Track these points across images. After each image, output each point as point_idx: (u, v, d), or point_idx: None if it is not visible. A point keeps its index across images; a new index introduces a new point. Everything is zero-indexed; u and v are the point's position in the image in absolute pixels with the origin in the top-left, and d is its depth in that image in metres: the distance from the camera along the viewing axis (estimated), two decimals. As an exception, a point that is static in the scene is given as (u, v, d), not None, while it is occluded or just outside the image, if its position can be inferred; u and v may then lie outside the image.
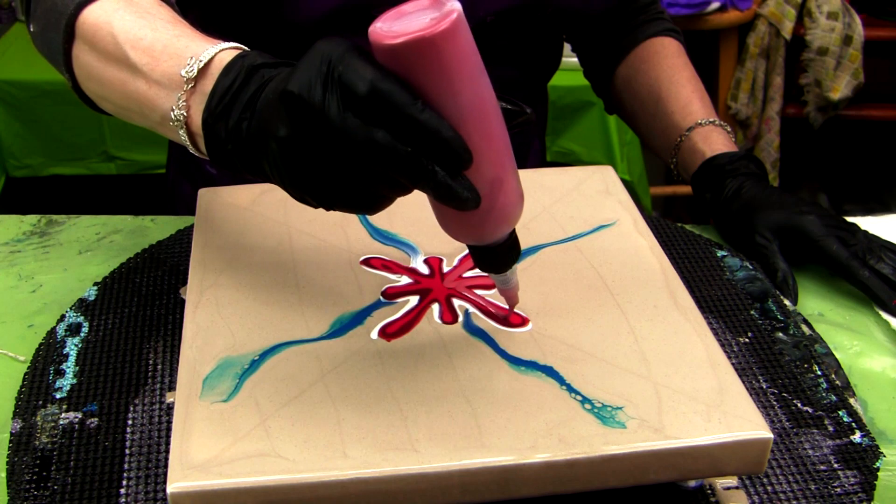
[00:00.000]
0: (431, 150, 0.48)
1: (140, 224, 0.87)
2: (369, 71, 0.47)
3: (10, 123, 2.04)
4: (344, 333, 0.61)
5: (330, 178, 0.50)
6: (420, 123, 0.47)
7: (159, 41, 0.60)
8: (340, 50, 0.48)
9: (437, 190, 0.49)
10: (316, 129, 0.48)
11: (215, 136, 0.55)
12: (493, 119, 0.51)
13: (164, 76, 0.59)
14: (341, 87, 0.48)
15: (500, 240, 0.55)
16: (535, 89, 1.00)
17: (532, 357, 0.59)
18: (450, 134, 0.48)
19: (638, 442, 0.53)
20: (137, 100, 0.61)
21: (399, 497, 0.51)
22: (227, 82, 0.54)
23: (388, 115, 0.47)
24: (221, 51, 0.57)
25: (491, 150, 0.51)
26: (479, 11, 0.85)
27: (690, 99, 0.94)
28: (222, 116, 0.54)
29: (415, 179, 0.49)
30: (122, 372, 0.68)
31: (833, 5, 2.14)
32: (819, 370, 0.70)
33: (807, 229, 0.81)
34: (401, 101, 0.47)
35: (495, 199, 0.52)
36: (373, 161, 0.48)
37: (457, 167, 0.49)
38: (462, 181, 0.49)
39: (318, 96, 0.48)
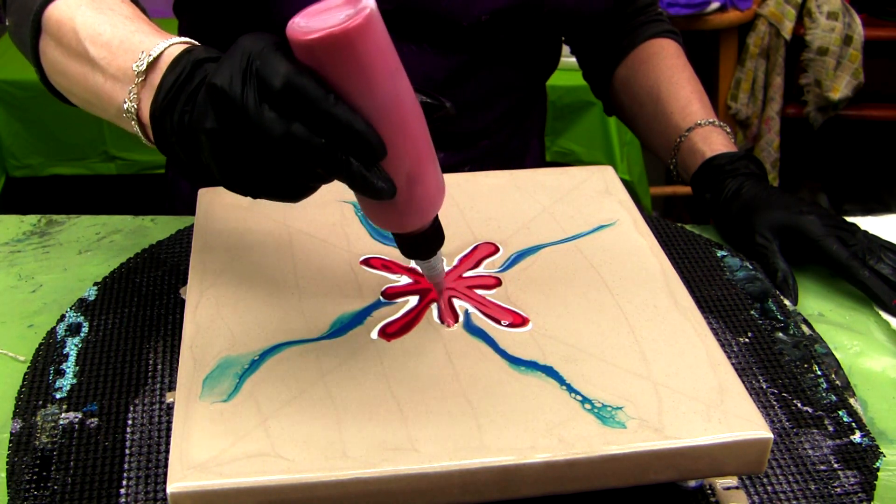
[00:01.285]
0: (345, 142, 0.50)
1: (140, 224, 0.87)
2: (284, 65, 0.49)
3: (10, 123, 2.04)
4: (344, 333, 0.61)
5: (253, 168, 0.52)
6: (333, 116, 0.49)
7: (116, 37, 0.62)
8: (260, 45, 0.51)
9: (353, 180, 0.51)
10: (237, 121, 0.51)
11: (161, 129, 0.57)
12: (409, 112, 0.53)
13: (119, 70, 0.61)
14: (258, 80, 0.50)
15: (421, 228, 0.57)
16: (534, 89, 1.00)
17: (532, 357, 0.59)
18: (362, 127, 0.50)
19: (638, 442, 0.53)
20: (96, 93, 0.64)
21: (399, 497, 0.51)
22: (173, 77, 0.57)
23: (302, 108, 0.50)
24: (171, 45, 0.60)
25: (407, 143, 0.53)
26: (474, 10, 0.85)
27: (690, 99, 0.94)
28: (168, 109, 0.56)
29: (331, 170, 0.51)
30: (122, 372, 0.68)
31: (833, 5, 2.14)
32: (819, 370, 0.70)
33: (807, 229, 0.81)
34: (314, 95, 0.49)
35: (413, 189, 0.54)
36: (290, 152, 0.50)
37: (371, 158, 0.51)
38: (377, 172, 0.51)
39: (238, 89, 0.50)
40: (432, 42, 0.87)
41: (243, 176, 0.53)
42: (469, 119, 0.93)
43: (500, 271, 0.67)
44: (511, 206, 0.74)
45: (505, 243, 0.70)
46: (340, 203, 0.74)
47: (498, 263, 0.68)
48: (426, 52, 0.87)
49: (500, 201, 0.75)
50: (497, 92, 0.93)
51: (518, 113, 0.98)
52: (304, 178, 0.53)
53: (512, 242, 0.70)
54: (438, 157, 0.96)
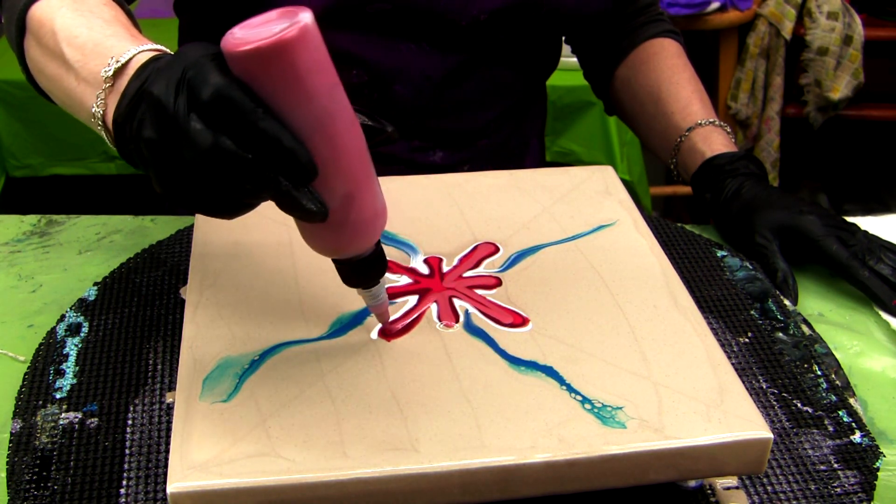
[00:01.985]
0: (274, 159, 0.48)
1: (140, 224, 0.87)
2: (215, 76, 0.48)
3: (10, 123, 2.04)
4: (344, 333, 0.61)
5: (186, 181, 0.51)
6: (260, 130, 0.48)
7: (91, 40, 0.62)
8: (196, 55, 0.50)
9: (280, 199, 0.49)
10: (169, 130, 0.50)
11: (122, 136, 0.56)
12: (346, 132, 0.50)
13: (90, 74, 0.61)
14: (189, 90, 0.49)
15: (359, 255, 0.55)
16: (533, 89, 1.00)
17: (532, 357, 0.59)
18: (291, 143, 0.48)
19: (638, 442, 0.53)
20: (70, 95, 0.64)
21: (399, 497, 0.51)
22: (137, 84, 0.55)
23: (231, 121, 0.48)
24: (140, 52, 0.59)
25: (343, 163, 0.51)
26: (472, 10, 0.85)
27: (690, 99, 0.94)
28: (128, 117, 0.55)
29: (258, 187, 0.49)
30: (122, 372, 0.68)
31: (833, 5, 2.14)
32: (819, 370, 0.70)
33: (807, 229, 0.81)
34: (243, 108, 0.48)
35: (347, 213, 0.52)
36: (217, 165, 0.48)
37: (301, 177, 0.49)
38: (307, 193, 0.50)
39: (171, 98, 0.49)
40: (431, 41, 0.87)
41: (178, 188, 0.51)
42: (468, 118, 0.93)
43: (500, 271, 0.67)
44: (511, 206, 0.74)
45: (505, 243, 0.70)
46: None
47: (498, 263, 0.68)
48: (425, 52, 0.87)
49: (500, 201, 0.75)
50: (496, 91, 0.93)
51: (517, 112, 0.98)
52: (234, 192, 0.51)
53: (512, 242, 0.70)
54: (438, 156, 0.96)
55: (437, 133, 0.92)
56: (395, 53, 0.86)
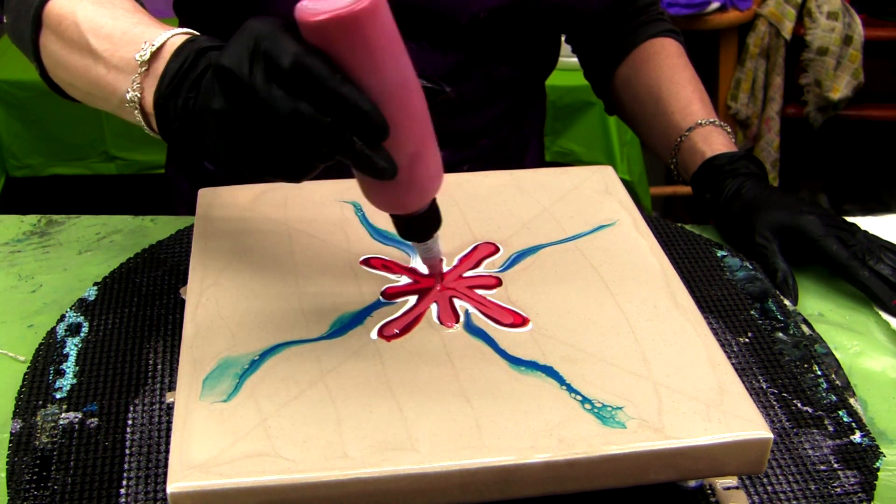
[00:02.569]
0: (351, 122, 0.51)
1: (140, 224, 0.87)
2: (293, 45, 0.51)
3: (10, 123, 2.04)
4: (344, 333, 0.61)
5: (259, 147, 0.53)
6: (340, 96, 0.50)
7: (118, 28, 0.64)
8: (268, 27, 0.52)
9: (356, 159, 0.52)
10: (245, 100, 0.52)
11: (165, 115, 0.59)
12: (412, 95, 0.54)
13: (121, 61, 0.62)
14: (266, 60, 0.51)
15: (420, 210, 0.59)
16: (533, 87, 1.00)
17: (532, 357, 0.59)
18: (368, 107, 0.51)
19: (638, 442, 0.53)
20: (99, 84, 0.65)
21: (399, 497, 0.51)
22: (177, 65, 0.58)
23: (310, 87, 0.51)
24: (173, 36, 0.61)
25: (410, 125, 0.54)
26: (472, 7, 0.85)
27: (690, 99, 0.94)
28: (171, 97, 0.58)
29: (335, 148, 0.52)
30: (122, 372, 0.68)
31: (833, 5, 2.14)
32: (819, 370, 0.70)
33: (807, 229, 0.81)
34: (322, 75, 0.50)
35: (414, 171, 0.55)
36: (296, 130, 0.51)
37: (375, 138, 0.52)
38: (380, 152, 0.53)
39: (246, 69, 0.51)
40: (431, 40, 0.87)
41: (249, 155, 0.54)
42: (468, 117, 0.93)
43: (500, 271, 0.67)
44: (511, 206, 0.74)
45: (505, 243, 0.70)
46: (340, 203, 0.74)
47: (498, 263, 0.68)
48: (425, 50, 0.87)
49: (500, 201, 0.75)
50: (496, 90, 0.93)
51: (517, 111, 0.98)
52: (309, 156, 0.53)
53: (512, 242, 0.70)
54: None
55: (438, 132, 0.92)
56: None
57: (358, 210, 0.73)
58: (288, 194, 0.74)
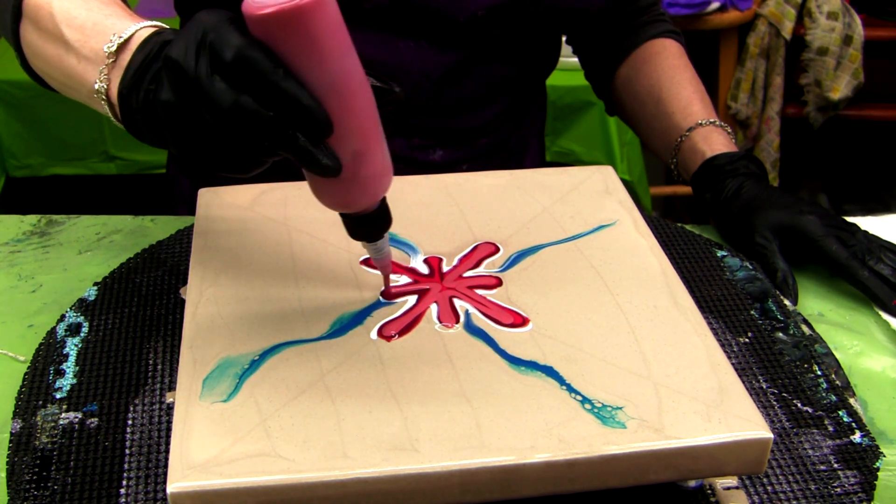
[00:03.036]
0: (293, 117, 0.51)
1: (140, 224, 0.87)
2: (237, 38, 0.51)
3: (10, 123, 2.03)
4: (344, 333, 0.61)
5: (205, 140, 0.53)
6: (281, 90, 0.51)
7: (90, 20, 0.64)
8: (215, 19, 0.52)
9: (298, 155, 0.52)
10: (190, 92, 0.52)
11: (128, 107, 0.59)
12: (358, 92, 0.53)
13: (91, 52, 0.63)
14: (211, 52, 0.51)
15: (367, 209, 0.58)
16: (532, 87, 1.00)
17: (532, 357, 0.59)
18: (309, 102, 0.51)
19: (638, 442, 0.53)
20: (70, 74, 0.65)
21: (399, 497, 0.51)
22: (141, 57, 0.59)
23: (252, 81, 0.51)
24: (141, 28, 0.62)
25: (355, 122, 0.54)
26: (470, 6, 0.85)
27: (691, 99, 0.94)
28: (134, 88, 0.58)
29: (277, 143, 0.52)
30: (122, 372, 0.68)
31: (833, 5, 2.14)
32: (819, 370, 0.70)
33: (807, 229, 0.81)
34: (264, 68, 0.50)
35: (359, 169, 0.55)
36: (238, 123, 0.51)
37: (317, 135, 0.52)
38: (323, 149, 0.53)
39: (192, 61, 0.52)
40: (429, 38, 0.87)
41: (196, 148, 0.54)
42: (467, 116, 0.93)
43: (500, 271, 0.67)
44: (511, 206, 0.74)
45: (505, 243, 0.70)
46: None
47: (498, 263, 0.68)
48: (423, 49, 0.87)
49: (500, 201, 0.75)
50: (495, 89, 0.93)
51: (517, 111, 0.98)
52: (252, 150, 0.54)
53: (512, 242, 0.70)
54: (437, 154, 0.96)
55: (437, 131, 0.92)
56: (393, 51, 0.86)
57: (358, 210, 0.73)
58: (288, 194, 0.74)
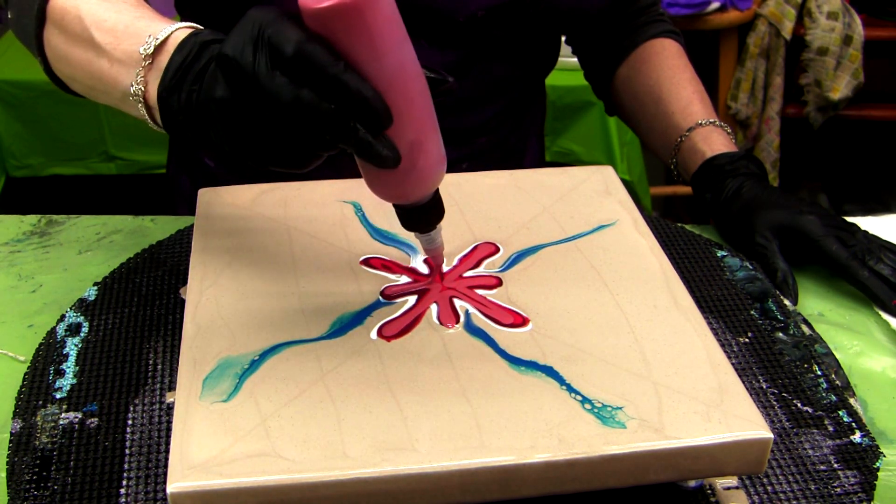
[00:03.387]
0: (353, 109, 0.51)
1: (140, 224, 0.87)
2: (296, 33, 0.51)
3: (10, 123, 2.03)
4: (344, 333, 0.61)
5: (262, 135, 0.53)
6: (342, 83, 0.51)
7: (121, 22, 0.64)
8: (270, 16, 0.52)
9: (359, 147, 0.52)
10: (248, 88, 0.52)
11: (169, 109, 0.59)
12: (415, 84, 0.54)
13: (124, 54, 0.63)
14: (270, 48, 0.51)
15: (422, 199, 0.59)
16: (532, 86, 1.00)
17: (532, 357, 0.59)
18: (370, 94, 0.51)
19: (638, 442, 0.53)
20: (101, 78, 0.65)
21: (399, 497, 0.51)
22: (180, 58, 0.58)
23: (313, 74, 0.51)
24: (177, 30, 0.62)
25: (412, 113, 0.54)
26: (470, 6, 0.86)
27: (691, 100, 0.94)
28: (175, 89, 0.58)
29: (337, 136, 0.52)
30: (122, 372, 0.68)
31: (833, 5, 2.14)
32: (819, 370, 0.70)
33: (807, 229, 0.81)
34: (324, 62, 0.51)
35: (416, 159, 0.56)
36: (299, 117, 0.52)
37: (377, 126, 0.52)
38: (383, 140, 0.53)
39: (249, 57, 0.52)
40: (429, 38, 0.87)
41: (252, 144, 0.54)
42: (466, 115, 0.93)
43: (500, 271, 0.67)
44: (511, 206, 0.74)
45: (505, 243, 0.70)
46: (340, 203, 0.74)
47: (498, 263, 0.68)
48: (423, 48, 0.87)
49: (500, 201, 0.75)
50: (494, 88, 0.93)
51: (516, 110, 0.98)
52: (312, 144, 0.54)
53: (512, 242, 0.70)
54: None
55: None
56: None
57: (358, 210, 0.73)
58: (288, 194, 0.74)
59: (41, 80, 0.76)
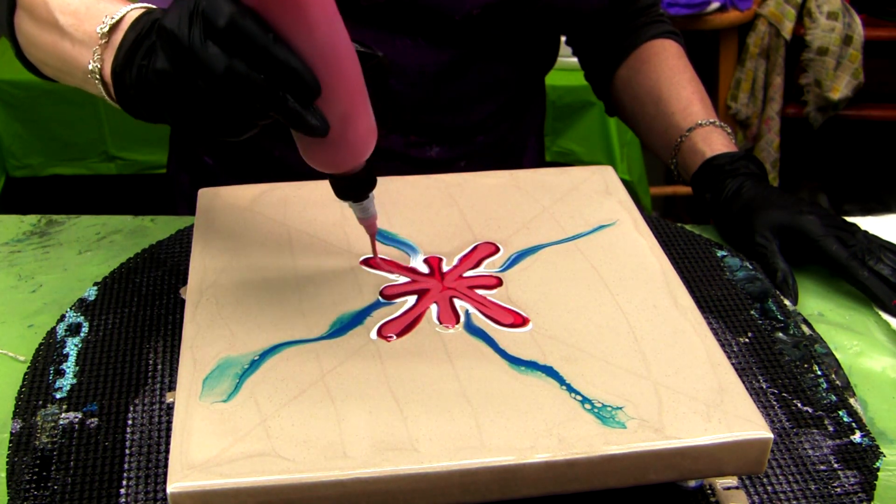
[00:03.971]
0: (283, 80, 0.53)
1: (140, 224, 0.87)
2: (228, 6, 0.53)
3: (10, 123, 2.03)
4: (344, 333, 0.61)
5: (199, 105, 0.55)
6: (272, 55, 0.53)
7: (84, 4, 0.66)
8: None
9: (288, 116, 0.54)
10: (184, 59, 0.54)
11: (122, 84, 0.61)
12: (344, 57, 0.56)
13: (84, 35, 0.65)
14: (204, 20, 0.53)
15: (354, 169, 0.61)
16: (530, 85, 1.00)
17: (532, 357, 0.59)
18: (299, 65, 0.53)
19: (638, 442, 0.53)
20: (65, 59, 0.68)
21: (399, 497, 0.51)
22: (133, 35, 0.61)
23: (244, 46, 0.53)
24: (132, 9, 0.64)
25: (341, 85, 0.56)
26: (466, 5, 0.86)
27: (691, 100, 0.94)
28: (127, 65, 0.61)
29: (268, 105, 0.54)
30: (122, 372, 0.68)
31: (833, 5, 2.14)
32: (819, 370, 0.70)
33: (807, 229, 0.81)
34: (255, 34, 0.53)
35: (346, 130, 0.57)
36: (231, 87, 0.53)
37: (306, 97, 0.54)
38: (312, 111, 0.55)
39: (185, 29, 0.54)
40: (426, 36, 0.87)
41: (192, 115, 0.56)
42: (464, 114, 0.93)
43: (500, 271, 0.67)
44: (511, 206, 0.74)
45: (505, 243, 0.70)
46: (340, 203, 0.74)
47: (498, 263, 0.68)
48: (420, 46, 0.87)
49: (500, 201, 0.75)
50: (492, 87, 0.93)
51: (514, 109, 0.98)
52: (245, 113, 0.55)
53: (512, 242, 0.70)
54: (434, 151, 0.96)
55: (434, 128, 0.92)
56: (389, 48, 0.86)
57: (358, 210, 0.73)
58: (288, 194, 0.74)
59: (41, 80, 0.76)
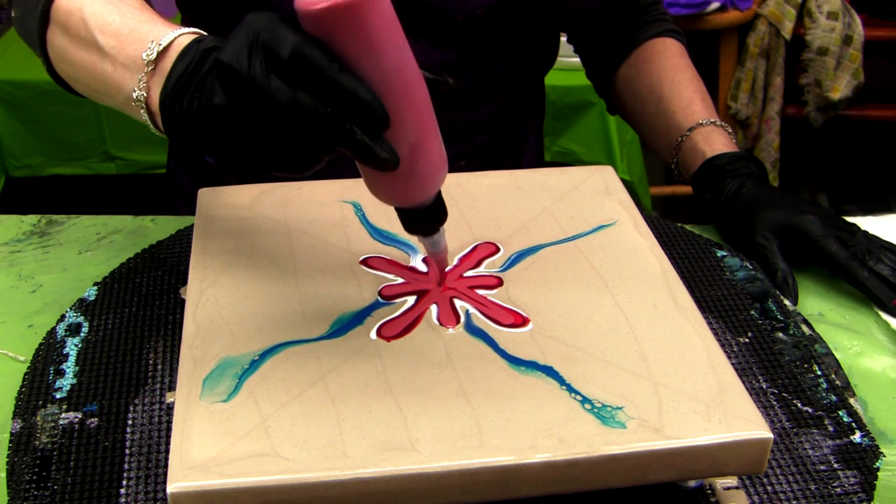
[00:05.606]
0: (351, 111, 0.51)
1: (140, 224, 0.87)
2: (291, 36, 0.51)
3: (10, 123, 2.03)
4: (344, 333, 0.61)
5: (261, 140, 0.53)
6: (339, 85, 0.50)
7: (126, 26, 0.64)
8: (266, 20, 0.52)
9: (357, 149, 0.52)
10: (245, 93, 0.52)
11: (171, 116, 0.59)
12: (413, 85, 0.53)
13: (128, 59, 0.63)
14: (265, 52, 0.51)
15: (424, 202, 0.58)
16: (531, 84, 1.00)
17: (532, 357, 0.59)
18: (367, 96, 0.51)
19: (638, 442, 0.53)
20: (105, 81, 0.65)
21: (399, 497, 0.51)
22: (183, 65, 0.58)
23: (309, 77, 0.50)
24: (180, 35, 0.61)
25: (411, 115, 0.53)
26: (469, 4, 0.86)
27: (692, 99, 0.94)
28: (177, 97, 0.58)
29: (336, 139, 0.51)
30: (122, 372, 0.68)
31: (833, 5, 2.14)
32: (819, 370, 0.70)
33: (807, 229, 0.81)
34: (321, 64, 0.50)
35: (416, 162, 0.55)
36: (296, 121, 0.51)
37: (375, 128, 0.52)
38: (381, 143, 0.52)
39: (245, 62, 0.51)
40: (428, 36, 0.87)
41: (252, 149, 0.54)
42: (465, 113, 0.93)
43: (500, 271, 0.67)
44: (511, 206, 0.74)
45: (505, 243, 0.70)
46: (340, 203, 0.74)
47: (498, 263, 0.68)
48: (422, 46, 0.87)
49: (500, 201, 0.75)
50: (493, 86, 0.93)
51: (515, 108, 0.98)
52: (311, 147, 0.53)
53: (512, 242, 0.70)
54: None
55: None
56: None
57: (358, 210, 0.73)
58: (288, 194, 0.74)
59: (41, 80, 0.76)
